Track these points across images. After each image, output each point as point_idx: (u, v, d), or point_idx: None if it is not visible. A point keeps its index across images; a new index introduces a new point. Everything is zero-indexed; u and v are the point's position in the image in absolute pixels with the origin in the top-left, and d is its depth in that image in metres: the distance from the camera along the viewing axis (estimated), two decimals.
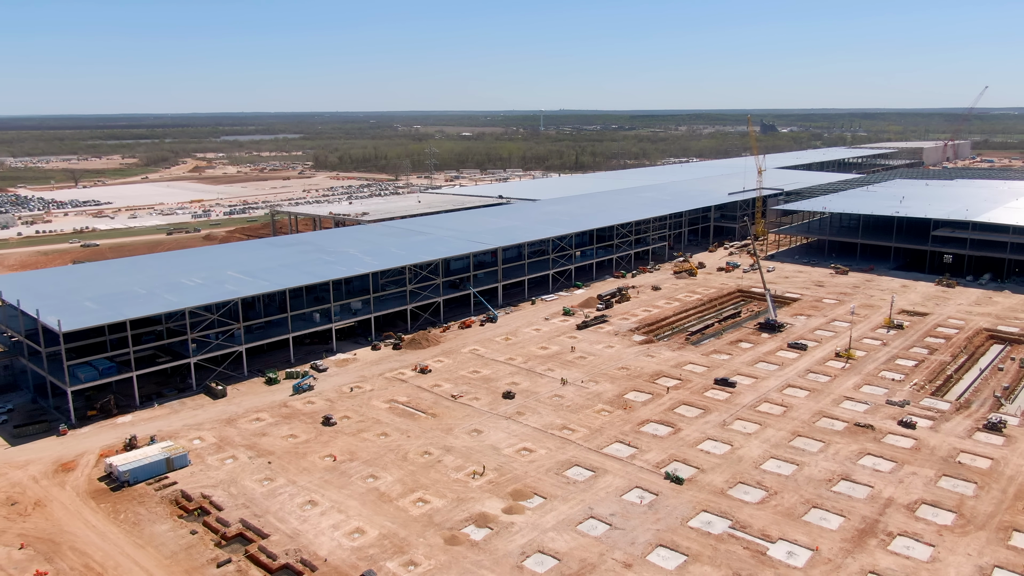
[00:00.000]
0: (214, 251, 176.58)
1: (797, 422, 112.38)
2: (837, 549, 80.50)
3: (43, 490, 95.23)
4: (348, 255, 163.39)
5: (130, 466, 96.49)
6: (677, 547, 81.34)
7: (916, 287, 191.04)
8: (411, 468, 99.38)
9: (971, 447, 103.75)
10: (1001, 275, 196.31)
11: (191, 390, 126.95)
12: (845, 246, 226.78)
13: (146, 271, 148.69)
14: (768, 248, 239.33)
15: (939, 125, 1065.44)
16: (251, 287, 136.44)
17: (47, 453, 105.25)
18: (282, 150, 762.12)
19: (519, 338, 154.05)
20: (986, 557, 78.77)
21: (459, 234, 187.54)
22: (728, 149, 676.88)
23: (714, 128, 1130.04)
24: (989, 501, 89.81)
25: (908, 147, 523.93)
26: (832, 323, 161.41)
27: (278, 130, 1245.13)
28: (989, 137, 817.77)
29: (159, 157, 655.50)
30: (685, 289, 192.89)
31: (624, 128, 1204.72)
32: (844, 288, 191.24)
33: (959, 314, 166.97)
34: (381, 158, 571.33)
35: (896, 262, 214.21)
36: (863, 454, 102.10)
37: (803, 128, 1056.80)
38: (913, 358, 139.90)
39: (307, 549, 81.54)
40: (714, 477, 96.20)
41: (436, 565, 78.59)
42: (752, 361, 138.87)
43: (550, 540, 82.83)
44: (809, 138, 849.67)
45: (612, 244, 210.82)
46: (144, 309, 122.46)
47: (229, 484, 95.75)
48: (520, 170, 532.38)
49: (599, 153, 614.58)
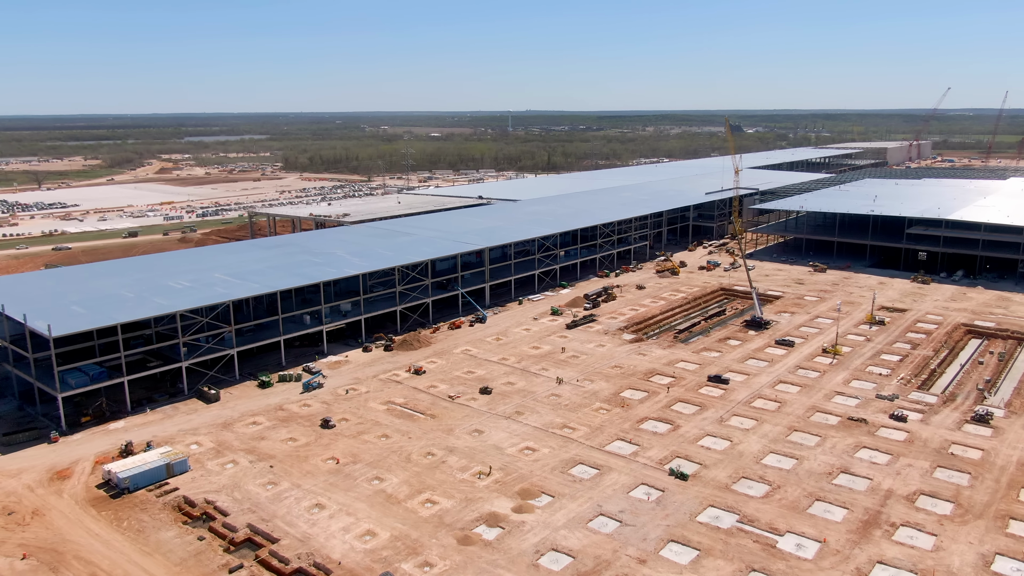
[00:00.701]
0: (198, 253, 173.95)
1: (792, 417, 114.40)
2: (844, 540, 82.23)
3: (40, 499, 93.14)
4: (336, 256, 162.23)
5: (130, 472, 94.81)
6: (688, 542, 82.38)
7: (893, 284, 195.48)
8: (416, 469, 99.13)
9: (961, 439, 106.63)
10: (973, 272, 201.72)
11: (183, 395, 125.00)
12: (821, 244, 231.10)
13: (130, 274, 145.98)
14: (746, 247, 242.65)
15: (898, 125, 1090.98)
16: (242, 289, 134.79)
17: (40, 461, 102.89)
18: (249, 151, 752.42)
19: (510, 338, 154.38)
20: (987, 545, 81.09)
21: (444, 235, 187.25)
22: (697, 149, 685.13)
23: (681, 129, 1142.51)
24: (984, 491, 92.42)
25: (873, 147, 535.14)
26: (816, 320, 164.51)
27: (243, 131, 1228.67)
28: (948, 138, 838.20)
29: (123, 159, 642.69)
30: (669, 288, 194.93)
31: (592, 129, 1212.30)
32: (824, 286, 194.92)
33: (936, 310, 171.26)
34: (352, 159, 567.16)
35: (872, 260, 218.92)
36: (859, 447, 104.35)
37: (768, 129, 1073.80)
38: (897, 353, 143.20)
39: (319, 552, 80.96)
40: (717, 473, 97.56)
41: (452, 565, 78.59)
42: (742, 358, 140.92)
43: (562, 538, 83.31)
44: (775, 138, 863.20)
45: (595, 244, 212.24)
46: (135, 313, 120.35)
47: (232, 489, 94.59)
48: (493, 171, 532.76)
49: (571, 154, 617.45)
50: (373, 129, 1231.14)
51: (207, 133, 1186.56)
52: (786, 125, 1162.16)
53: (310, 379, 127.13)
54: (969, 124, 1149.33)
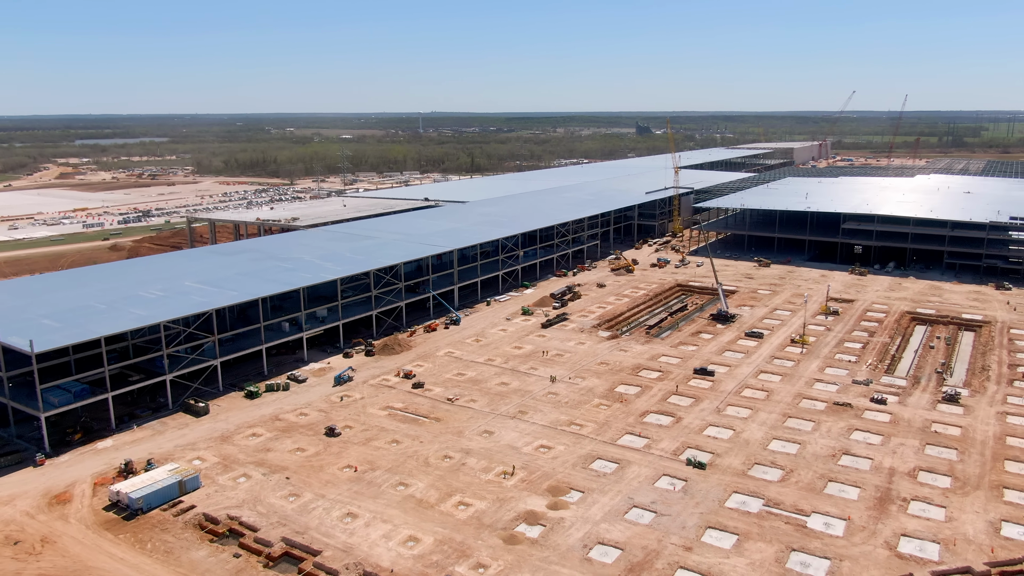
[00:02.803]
0: (155, 261, 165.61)
1: (783, 404, 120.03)
2: (866, 517, 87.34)
3: (44, 525, 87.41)
4: (305, 261, 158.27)
5: (142, 492, 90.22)
6: (725, 527, 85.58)
7: (833, 276, 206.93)
8: (438, 473, 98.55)
9: (939, 418, 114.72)
10: (903, 263, 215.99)
11: (167, 409, 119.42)
12: (761, 240, 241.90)
13: (92, 284, 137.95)
14: (690, 244, 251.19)
15: (793, 127, 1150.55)
16: (222, 297, 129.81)
17: (31, 486, 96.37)
18: (152, 154, 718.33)
19: (489, 339, 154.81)
20: (991, 513, 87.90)
21: (407, 237, 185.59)
22: (613, 151, 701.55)
23: (591, 131, 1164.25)
24: (974, 464, 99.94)
25: (781, 147, 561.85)
26: (775, 312, 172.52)
27: (137, 133, 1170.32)
28: (841, 138, 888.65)
29: (16, 163, 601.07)
30: (628, 285, 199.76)
31: (503, 130, 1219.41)
32: (772, 279, 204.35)
33: (879, 299, 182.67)
34: (270, 162, 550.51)
35: (810, 254, 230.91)
36: (851, 430, 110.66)
37: (675, 130, 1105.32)
38: (857, 340, 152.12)
39: (367, 562, 79.60)
40: (731, 460, 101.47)
41: (506, 565, 78.89)
42: (719, 350, 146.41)
43: (605, 531, 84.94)
44: (683, 139, 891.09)
45: (553, 244, 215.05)
46: (116, 325, 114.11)
47: (254, 503, 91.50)
48: (418, 173, 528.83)
49: (492, 155, 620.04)
50: (279, 131, 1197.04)
51: (99, 136, 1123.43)
52: (690, 126, 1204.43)
53: (341, 372, 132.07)
54: (856, 126, 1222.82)
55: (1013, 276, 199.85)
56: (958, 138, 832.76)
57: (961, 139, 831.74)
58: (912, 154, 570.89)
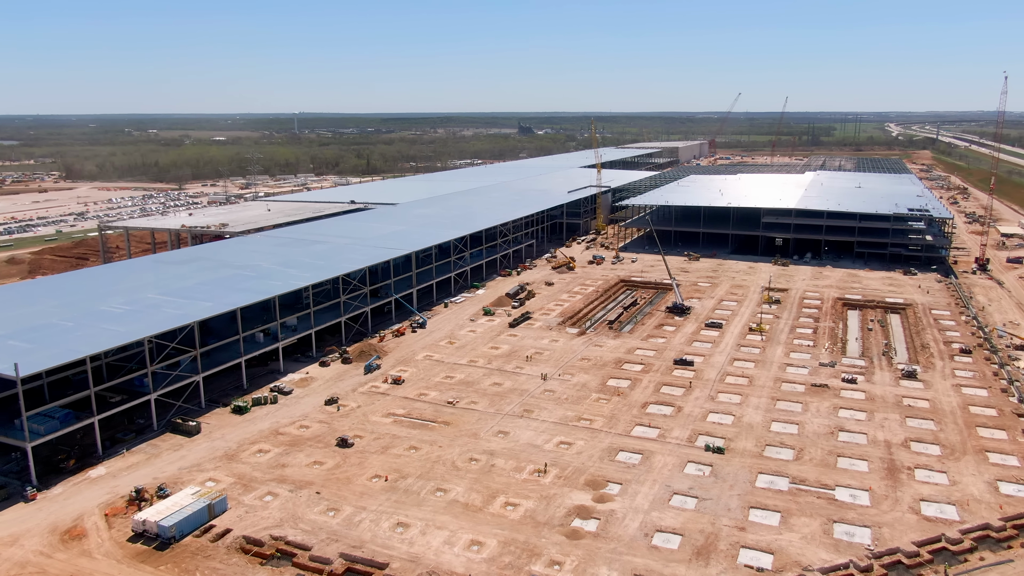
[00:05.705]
0: (99, 274, 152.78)
1: (767, 389, 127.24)
2: (883, 486, 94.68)
3: (68, 564, 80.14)
4: (265, 268, 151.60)
5: (172, 519, 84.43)
6: (766, 506, 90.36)
7: (760, 267, 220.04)
8: (471, 476, 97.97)
9: (905, 393, 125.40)
10: (818, 254, 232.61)
11: (152, 431, 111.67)
12: (686, 235, 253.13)
13: (43, 301, 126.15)
14: (616, 241, 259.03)
15: (662, 127, 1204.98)
16: (197, 309, 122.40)
17: (31, 523, 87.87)
18: (7, 159, 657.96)
19: (462, 341, 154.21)
20: (986, 475, 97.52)
21: (359, 241, 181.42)
22: (502, 151, 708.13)
23: (472, 131, 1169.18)
24: (952, 433, 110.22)
25: (667, 147, 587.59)
26: (722, 303, 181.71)
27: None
28: (713, 138, 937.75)
29: None
30: (575, 283, 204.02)
31: (382, 131, 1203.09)
32: (706, 272, 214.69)
33: (810, 288, 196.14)
34: (151, 166, 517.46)
35: (732, 247, 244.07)
36: (836, 408, 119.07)
37: (556, 130, 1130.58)
38: (806, 326, 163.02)
39: (440, 570, 78.41)
40: (744, 444, 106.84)
41: (580, 560, 79.94)
42: (687, 341, 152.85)
43: (658, 519, 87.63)
44: (565, 139, 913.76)
45: (495, 244, 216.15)
46: (98, 343, 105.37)
47: (294, 521, 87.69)
48: (313, 175, 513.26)
49: (387, 156, 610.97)
50: (141, 133, 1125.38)
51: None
52: (568, 126, 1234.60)
53: (370, 361, 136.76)
54: (718, 126, 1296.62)
55: (915, 262, 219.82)
56: (815, 137, 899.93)
57: (818, 138, 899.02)
58: (790, 152, 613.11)
